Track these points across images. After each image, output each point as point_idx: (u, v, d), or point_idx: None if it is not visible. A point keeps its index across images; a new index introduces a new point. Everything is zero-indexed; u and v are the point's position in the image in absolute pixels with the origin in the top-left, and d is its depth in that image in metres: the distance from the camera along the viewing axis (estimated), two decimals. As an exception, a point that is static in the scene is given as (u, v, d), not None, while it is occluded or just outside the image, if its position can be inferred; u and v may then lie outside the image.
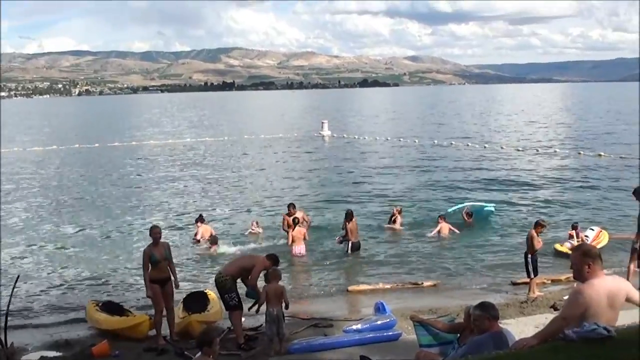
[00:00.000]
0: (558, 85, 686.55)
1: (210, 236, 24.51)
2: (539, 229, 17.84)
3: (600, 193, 35.22)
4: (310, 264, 22.30)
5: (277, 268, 14.21)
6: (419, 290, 18.89)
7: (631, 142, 59.46)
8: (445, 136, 69.44)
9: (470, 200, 30.30)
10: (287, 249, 23.03)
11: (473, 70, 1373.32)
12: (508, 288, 19.02)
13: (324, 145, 64.99)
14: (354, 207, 28.92)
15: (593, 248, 7.25)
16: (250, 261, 14.52)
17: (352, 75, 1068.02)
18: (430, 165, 46.54)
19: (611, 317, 6.83)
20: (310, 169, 46.37)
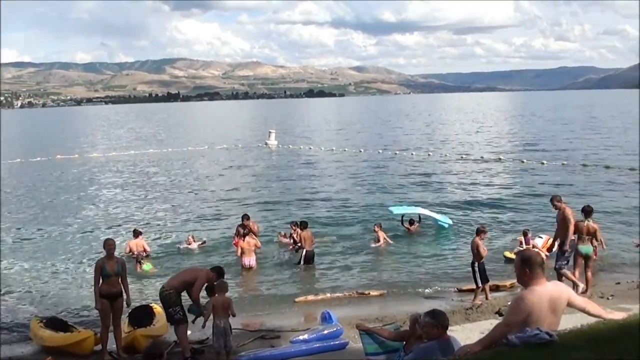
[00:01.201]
0: (502, 94, 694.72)
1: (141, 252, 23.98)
2: (482, 235, 18.09)
3: (543, 200, 35.64)
4: (260, 275, 22.20)
5: (223, 280, 14.16)
6: (365, 299, 18.95)
7: (573, 149, 60.58)
8: (391, 145, 69.88)
9: (423, 208, 30.26)
10: (234, 261, 23.02)
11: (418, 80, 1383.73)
12: (453, 295, 19.18)
13: (270, 156, 64.89)
14: (303, 216, 29.01)
15: (533, 255, 7.32)
16: (193, 274, 14.40)
17: (297, 85, 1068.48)
18: (376, 175, 46.78)
19: (553, 322, 6.93)
20: (256, 180, 46.28)
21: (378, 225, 25.96)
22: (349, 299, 18.90)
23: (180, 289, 13.98)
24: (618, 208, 32.32)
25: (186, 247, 25.44)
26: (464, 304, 17.60)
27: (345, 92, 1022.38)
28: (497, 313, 15.55)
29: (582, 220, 17.89)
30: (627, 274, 20.87)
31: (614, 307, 14.08)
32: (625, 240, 25.42)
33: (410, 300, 18.69)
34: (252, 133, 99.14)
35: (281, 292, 20.20)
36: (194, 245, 25.43)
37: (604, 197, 35.63)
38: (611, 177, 42.51)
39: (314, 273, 22.26)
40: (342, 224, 30.08)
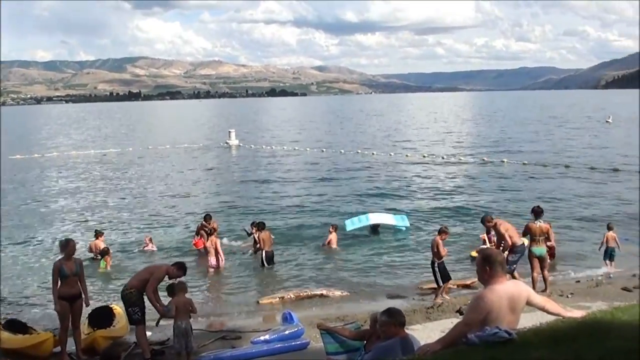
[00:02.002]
0: (463, 94, 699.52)
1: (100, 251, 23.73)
2: (443, 235, 18.12)
3: (505, 197, 36.00)
4: (221, 276, 22.08)
5: (183, 281, 14.06)
6: (327, 298, 18.91)
7: (533, 149, 61.14)
8: (353, 145, 69.93)
9: (378, 213, 30.20)
10: (193, 260, 22.92)
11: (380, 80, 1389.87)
12: (414, 294, 19.23)
13: (231, 155, 64.69)
14: (264, 216, 28.98)
15: (494, 253, 7.33)
16: (150, 272, 14.26)
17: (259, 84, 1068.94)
18: (337, 174, 46.75)
19: (512, 321, 6.94)
20: (216, 179, 46.11)
21: (334, 227, 25.78)
22: (310, 299, 18.85)
23: (141, 289, 13.83)
24: (577, 207, 32.66)
25: (144, 249, 25.18)
26: (425, 302, 17.63)
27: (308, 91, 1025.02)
28: (458, 312, 15.59)
29: (533, 222, 17.97)
30: (586, 272, 21.08)
31: (574, 305, 14.23)
32: (585, 237, 25.68)
33: (371, 299, 18.67)
34: (213, 132, 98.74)
35: (242, 292, 20.11)
36: (151, 247, 25.19)
37: (565, 196, 35.96)
38: (572, 177, 42.92)
39: (275, 273, 22.15)
40: (303, 224, 29.98)
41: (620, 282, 18.76)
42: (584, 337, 6.55)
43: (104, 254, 23.08)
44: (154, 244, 25.44)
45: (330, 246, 24.96)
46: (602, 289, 17.73)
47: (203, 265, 22.87)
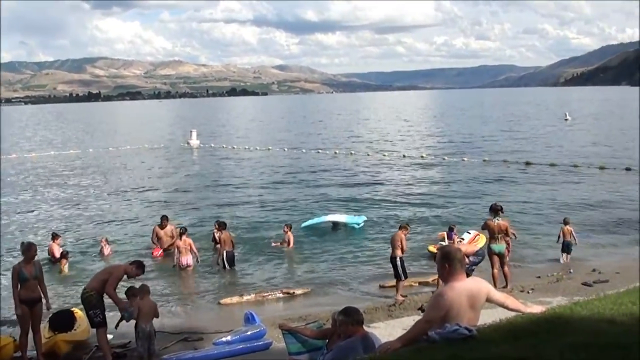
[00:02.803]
0: (424, 92, 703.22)
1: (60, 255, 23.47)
2: (404, 231, 18.18)
3: (465, 194, 36.20)
4: (183, 276, 21.92)
5: (146, 284, 13.97)
6: (289, 298, 18.89)
7: (493, 146, 61.64)
8: (314, 144, 70.02)
9: (335, 213, 30.23)
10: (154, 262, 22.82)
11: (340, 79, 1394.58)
12: (376, 292, 19.26)
13: (192, 155, 64.37)
14: (225, 216, 28.85)
15: (453, 250, 7.35)
16: (109, 272, 14.13)
17: (220, 84, 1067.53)
18: (299, 174, 46.62)
19: (472, 317, 6.96)
20: (177, 180, 45.79)
21: (288, 226, 25.62)
22: (272, 298, 18.81)
23: (101, 290, 13.69)
24: (539, 203, 32.94)
25: (101, 250, 24.91)
26: (387, 300, 17.68)
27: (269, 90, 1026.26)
28: (419, 309, 15.64)
29: (491, 219, 18.07)
30: (547, 267, 21.25)
31: (535, 300, 14.35)
32: (546, 234, 25.89)
33: (333, 298, 18.64)
34: (174, 133, 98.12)
35: (203, 293, 19.98)
36: (108, 248, 24.93)
37: (525, 192, 36.26)
38: (532, 173, 43.30)
39: (236, 274, 22.04)
40: (264, 223, 29.86)
41: (580, 277, 18.95)
42: (544, 333, 6.58)
43: (61, 257, 22.86)
44: (110, 245, 25.16)
45: (288, 245, 24.82)
46: (563, 284, 17.90)
47: (164, 265, 22.74)
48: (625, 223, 28.11)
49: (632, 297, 9.69)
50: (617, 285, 15.57)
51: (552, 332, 6.62)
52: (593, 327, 6.84)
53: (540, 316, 7.45)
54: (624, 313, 7.91)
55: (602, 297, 10.02)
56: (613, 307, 8.34)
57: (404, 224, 18.70)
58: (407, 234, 18.44)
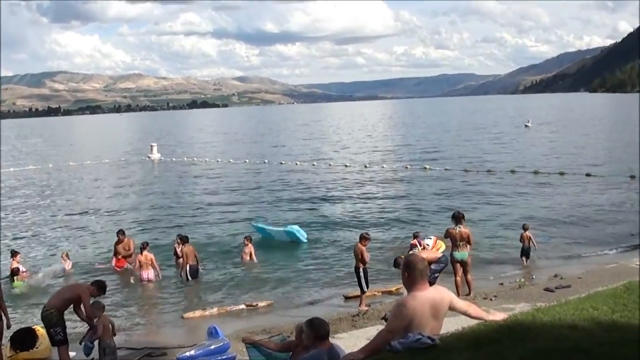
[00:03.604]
0: (384, 102, 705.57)
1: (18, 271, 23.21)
2: (364, 242, 18.16)
3: (427, 202, 36.36)
4: (146, 291, 21.79)
5: (99, 300, 13.83)
6: (253, 311, 18.79)
7: (454, 154, 62.01)
8: (276, 155, 70.01)
9: (281, 225, 29.91)
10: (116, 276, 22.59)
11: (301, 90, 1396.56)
12: (340, 302, 19.25)
13: (153, 169, 63.98)
14: (187, 230, 28.73)
15: (414, 259, 7.33)
16: (73, 291, 13.97)
17: (180, 96, 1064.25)
18: (260, 185, 46.54)
19: (435, 327, 6.96)
20: (138, 194, 45.37)
21: (248, 239, 25.39)
22: (235, 312, 18.70)
23: (62, 308, 13.55)
24: (499, 210, 33.17)
25: (62, 267, 24.58)
26: (351, 310, 17.63)
27: (229, 102, 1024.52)
28: (383, 319, 15.59)
29: (453, 227, 18.11)
30: (509, 274, 21.37)
31: (498, 307, 14.36)
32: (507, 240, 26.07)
33: (297, 310, 18.60)
34: (135, 146, 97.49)
35: (166, 307, 19.84)
36: (68, 263, 24.64)
37: (487, 199, 36.49)
38: (494, 181, 43.58)
39: (199, 287, 21.90)
40: (226, 236, 29.73)
41: (542, 283, 19.06)
42: (506, 340, 6.60)
43: (18, 273, 22.62)
44: (70, 260, 24.87)
45: (247, 258, 24.63)
46: (525, 290, 17.97)
47: (126, 280, 22.55)
48: (587, 228, 28.45)
49: (593, 302, 9.75)
50: (578, 290, 15.66)
51: (515, 339, 6.64)
52: (555, 333, 6.87)
53: (503, 323, 7.48)
54: (585, 318, 7.96)
55: (563, 303, 10.07)
56: (574, 313, 8.39)
57: (363, 235, 18.65)
58: (367, 244, 18.39)
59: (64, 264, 24.45)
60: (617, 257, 22.63)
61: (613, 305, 9.62)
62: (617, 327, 7.62)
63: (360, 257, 17.92)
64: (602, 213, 31.49)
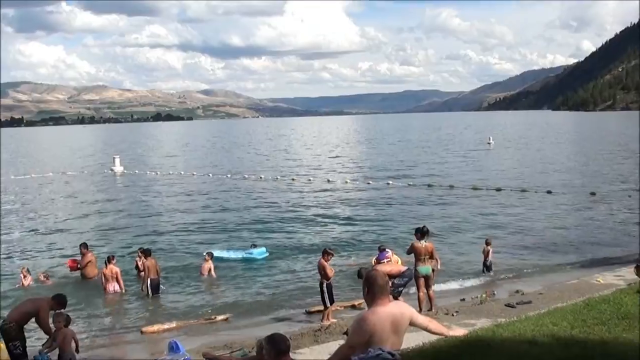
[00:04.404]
0: (349, 117, 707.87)
1: None
2: (327, 257, 18.09)
3: (390, 218, 36.43)
4: (106, 305, 21.59)
5: (63, 312, 13.69)
6: (213, 325, 18.67)
7: (417, 170, 62.35)
8: (240, 169, 69.83)
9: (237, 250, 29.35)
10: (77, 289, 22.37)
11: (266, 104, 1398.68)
12: (302, 317, 19.18)
13: (115, 181, 63.50)
14: (149, 243, 28.55)
15: (374, 275, 7.31)
16: (33, 305, 13.84)
17: (145, 109, 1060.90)
18: (223, 200, 46.28)
19: (396, 342, 6.95)
20: (100, 207, 44.96)
21: (208, 254, 25.27)
22: (196, 326, 18.56)
23: (22, 322, 13.43)
24: (462, 226, 33.34)
25: (22, 281, 24.29)
26: (313, 325, 17.57)
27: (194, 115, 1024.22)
28: (345, 334, 15.56)
29: (418, 242, 18.11)
30: (471, 290, 21.44)
31: (459, 323, 14.41)
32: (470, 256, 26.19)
33: (259, 324, 18.51)
34: (98, 159, 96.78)
35: (127, 322, 19.64)
36: (28, 279, 24.31)
37: (450, 215, 36.65)
38: (456, 196, 43.80)
39: (161, 302, 21.72)
40: (188, 250, 29.54)
41: (504, 298, 19.13)
42: (466, 355, 6.62)
43: None
44: (30, 276, 24.56)
45: (207, 273, 24.45)
46: (486, 306, 18.02)
47: (90, 293, 22.35)
48: (549, 244, 28.69)
49: (553, 318, 9.82)
50: (539, 306, 15.73)
51: (475, 354, 6.65)
52: (514, 349, 6.90)
53: (463, 339, 7.50)
54: (544, 333, 8.01)
55: (523, 319, 10.13)
56: (534, 328, 8.44)
57: (326, 250, 18.59)
58: (330, 259, 18.33)
59: (23, 279, 24.13)
60: (578, 273, 22.79)
61: (572, 321, 9.70)
62: (576, 343, 7.67)
63: (323, 272, 17.86)
64: (564, 229, 31.84)
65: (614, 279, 19.35)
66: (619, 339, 8.81)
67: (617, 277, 19.62)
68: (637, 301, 11.75)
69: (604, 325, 9.76)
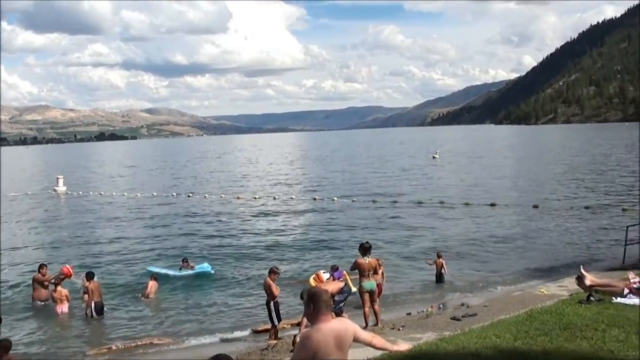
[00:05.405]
0: (294, 134, 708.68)
1: None
2: (273, 276, 18.05)
3: (336, 234, 36.46)
4: (49, 327, 21.25)
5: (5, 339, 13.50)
6: (158, 347, 18.49)
7: (362, 186, 62.52)
8: (185, 188, 69.46)
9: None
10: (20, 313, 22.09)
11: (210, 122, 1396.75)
12: (249, 336, 19.09)
13: (58, 202, 62.63)
14: (92, 265, 28.29)
15: (318, 291, 7.32)
16: None
17: (88, 128, 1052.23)
18: (167, 219, 45.78)
19: (340, 358, 6.94)
20: (43, 228, 44.28)
21: (153, 276, 25.20)
22: (141, 348, 18.36)
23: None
24: (407, 240, 33.51)
25: None
26: (260, 344, 17.51)
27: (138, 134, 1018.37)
28: (292, 351, 15.54)
29: (361, 258, 18.13)
30: (417, 304, 21.53)
31: (405, 337, 14.46)
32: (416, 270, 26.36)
33: (205, 345, 18.39)
34: (40, 180, 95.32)
35: (71, 345, 19.32)
36: None
37: (395, 230, 36.83)
38: (401, 211, 44.01)
39: (105, 324, 21.45)
40: (131, 271, 29.23)
41: (449, 311, 19.24)
42: (410, 370, 6.63)
43: None
44: None
45: (151, 295, 24.23)
46: (432, 319, 18.10)
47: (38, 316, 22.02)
48: (493, 257, 28.99)
49: (497, 330, 9.90)
50: (484, 318, 15.86)
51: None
52: (458, 362, 6.92)
53: (407, 354, 7.51)
54: (488, 346, 8.07)
55: (467, 332, 10.20)
56: (478, 341, 8.50)
57: (272, 269, 18.54)
58: (276, 278, 18.28)
59: None
60: (522, 285, 23.08)
61: (515, 332, 9.79)
62: (519, 354, 7.74)
63: (269, 291, 17.82)
64: (508, 241, 32.17)
65: (558, 290, 19.54)
66: (560, 349, 8.92)
67: (561, 288, 19.82)
68: (578, 311, 11.92)
69: (547, 336, 9.89)
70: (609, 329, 10.44)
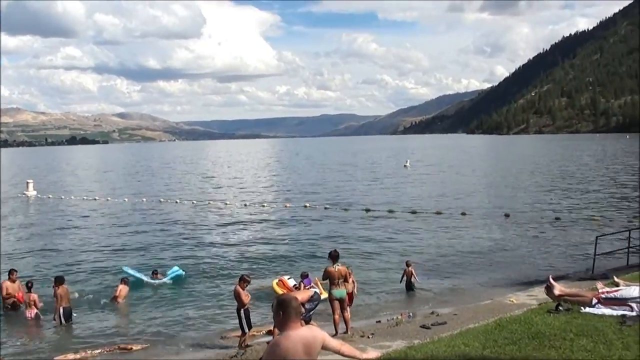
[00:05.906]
0: (266, 140, 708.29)
1: None
2: (243, 283, 17.99)
3: (307, 240, 36.47)
4: (17, 332, 21.07)
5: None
6: (128, 353, 18.34)
7: (334, 193, 62.57)
8: (156, 193, 69.18)
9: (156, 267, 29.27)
10: None
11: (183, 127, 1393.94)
12: (218, 343, 18.99)
13: (28, 206, 62.09)
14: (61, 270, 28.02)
15: (287, 299, 7.30)
16: None
17: (59, 132, 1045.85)
18: (138, 224, 45.64)
19: (309, 366, 6.92)
20: (12, 233, 43.89)
21: (124, 280, 25.05)
22: (111, 354, 18.22)
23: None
24: (378, 248, 33.54)
25: None
26: (229, 351, 17.45)
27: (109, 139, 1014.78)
28: (261, 359, 15.46)
29: (331, 266, 18.12)
30: (387, 312, 21.54)
31: (375, 345, 14.46)
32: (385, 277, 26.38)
33: (174, 351, 18.29)
34: (10, 183, 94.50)
35: (38, 351, 19.11)
36: None
37: (365, 238, 36.85)
38: (372, 219, 44.07)
39: (73, 329, 21.25)
40: (101, 275, 29.03)
41: (419, 319, 19.26)
42: (378, 378, 6.61)
43: None
44: None
45: (121, 300, 24.10)
46: (402, 327, 18.12)
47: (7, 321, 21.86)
48: (464, 265, 29.08)
49: (465, 338, 9.92)
50: (453, 326, 15.89)
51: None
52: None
53: (376, 361, 7.49)
54: (456, 355, 8.08)
55: (436, 340, 10.22)
56: (446, 350, 8.51)
57: (243, 277, 18.48)
58: (246, 286, 18.23)
59: None
60: (492, 293, 23.11)
61: (484, 341, 9.82)
62: (487, 364, 7.74)
63: (239, 298, 17.76)
64: (478, 250, 32.30)
65: (527, 299, 19.63)
66: (529, 358, 8.95)
67: (530, 297, 19.92)
68: (547, 321, 11.97)
69: (515, 345, 9.93)
70: (577, 338, 10.51)
